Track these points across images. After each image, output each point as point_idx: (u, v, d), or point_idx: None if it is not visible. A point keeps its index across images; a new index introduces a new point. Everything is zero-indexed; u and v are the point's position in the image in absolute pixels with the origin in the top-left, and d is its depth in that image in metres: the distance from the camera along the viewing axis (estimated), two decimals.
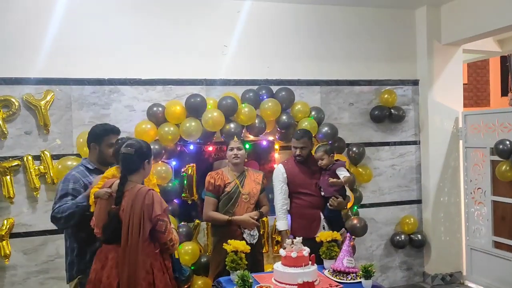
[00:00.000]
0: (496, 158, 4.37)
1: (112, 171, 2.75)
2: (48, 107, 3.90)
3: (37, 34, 3.91)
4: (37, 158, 3.88)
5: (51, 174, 3.84)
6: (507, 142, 4.19)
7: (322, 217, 3.67)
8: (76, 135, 3.95)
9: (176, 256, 2.83)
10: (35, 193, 3.87)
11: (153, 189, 2.63)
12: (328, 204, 3.64)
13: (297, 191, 3.73)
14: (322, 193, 3.67)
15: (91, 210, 2.65)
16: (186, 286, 3.90)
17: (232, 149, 3.59)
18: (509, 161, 4.17)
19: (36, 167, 3.85)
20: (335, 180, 3.60)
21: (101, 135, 2.96)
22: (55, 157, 3.91)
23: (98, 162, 2.97)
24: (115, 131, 3.05)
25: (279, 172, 3.76)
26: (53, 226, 3.87)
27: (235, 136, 3.70)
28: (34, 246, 3.92)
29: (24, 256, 3.89)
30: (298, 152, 3.71)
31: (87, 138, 3.01)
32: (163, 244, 2.58)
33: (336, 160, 3.79)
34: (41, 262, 3.94)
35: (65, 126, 3.99)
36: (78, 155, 3.91)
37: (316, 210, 3.68)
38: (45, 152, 3.87)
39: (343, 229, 3.69)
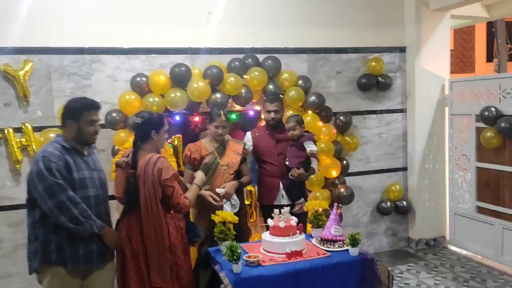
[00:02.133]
0: (481, 125, 4.40)
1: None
2: (27, 77, 3.77)
3: (14, 2, 3.74)
4: (18, 130, 3.78)
5: (34, 147, 3.76)
6: (492, 109, 4.21)
7: (282, 186, 3.71)
8: (57, 106, 3.84)
9: (191, 220, 3.07)
10: (17, 166, 3.79)
11: (163, 157, 2.85)
12: (289, 174, 3.67)
13: (260, 159, 3.80)
14: (287, 163, 3.69)
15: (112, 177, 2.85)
16: None
17: (217, 127, 3.51)
18: (494, 127, 4.21)
19: (18, 140, 3.76)
20: (297, 172, 3.64)
21: (79, 110, 2.63)
22: (37, 129, 3.82)
23: (76, 141, 2.65)
24: (95, 106, 2.71)
25: (246, 140, 3.82)
26: None
27: (221, 113, 3.56)
28: (19, 219, 3.86)
29: (10, 229, 3.85)
30: (272, 115, 3.70)
31: (62, 114, 2.69)
32: (172, 207, 2.82)
33: (306, 132, 3.80)
34: (23, 236, 3.87)
35: (45, 97, 3.87)
36: (60, 127, 3.81)
37: (275, 179, 3.73)
38: (26, 124, 3.77)
39: (302, 199, 3.75)
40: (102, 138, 3.96)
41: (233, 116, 4.31)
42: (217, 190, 3.43)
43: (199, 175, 3.17)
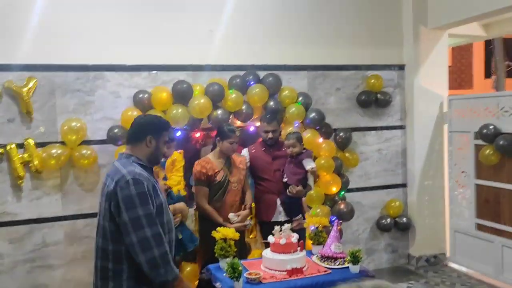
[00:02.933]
0: (480, 142, 4.44)
1: None
2: (30, 94, 3.81)
3: (19, 20, 3.81)
4: (20, 146, 3.81)
5: (35, 163, 3.78)
6: (491, 127, 4.25)
7: (279, 202, 3.72)
8: (60, 123, 3.89)
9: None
10: (19, 182, 3.81)
11: None
12: (287, 191, 3.70)
13: (257, 176, 3.85)
14: (285, 180, 3.74)
15: None
16: None
17: (232, 143, 3.57)
18: (492, 145, 4.24)
19: (20, 156, 3.78)
20: (296, 189, 3.68)
21: (162, 128, 2.44)
22: (39, 145, 3.84)
23: (148, 160, 2.41)
24: (171, 126, 2.64)
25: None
26: (39, 215, 3.91)
27: (236, 131, 3.65)
28: (20, 235, 3.88)
29: (10, 245, 3.85)
30: (270, 135, 3.77)
31: (139, 129, 2.40)
32: None
33: (304, 149, 3.85)
34: (27, 251, 3.90)
35: (48, 113, 3.91)
36: (63, 143, 3.86)
37: (273, 195, 3.77)
38: (28, 140, 3.80)
39: (300, 215, 3.78)
40: (103, 154, 4.01)
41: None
42: (231, 216, 3.48)
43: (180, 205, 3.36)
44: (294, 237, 2.97)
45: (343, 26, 4.84)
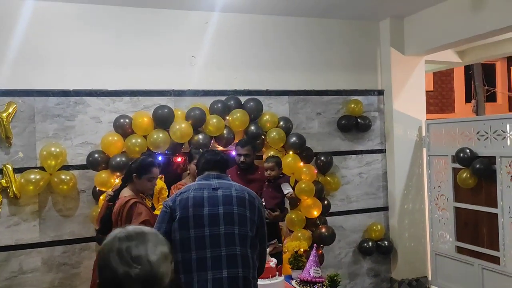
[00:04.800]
0: (457, 165, 4.52)
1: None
2: (10, 119, 3.80)
3: None
4: None
5: (14, 188, 3.74)
6: (467, 150, 4.34)
7: None
8: (39, 148, 3.87)
9: None
10: None
11: (139, 202, 2.97)
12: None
13: None
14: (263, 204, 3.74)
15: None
16: None
17: (151, 179, 3.54)
18: (469, 168, 4.32)
19: None
20: (273, 215, 3.71)
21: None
22: (18, 170, 3.81)
23: None
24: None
25: None
26: (16, 242, 3.84)
27: (201, 150, 3.66)
28: None
29: None
30: (242, 159, 3.81)
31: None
32: None
33: (282, 174, 3.89)
34: (3, 278, 3.82)
35: (28, 138, 3.90)
36: (42, 168, 3.83)
37: None
38: (7, 165, 3.77)
39: (275, 240, 3.78)
40: (83, 179, 3.99)
41: None
42: None
43: None
44: (273, 261, 2.96)
45: (323, 52, 4.96)
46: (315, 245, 3.27)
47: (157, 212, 3.50)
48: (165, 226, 2.24)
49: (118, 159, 3.83)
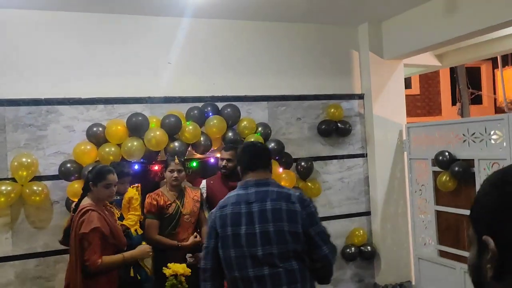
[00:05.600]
0: (437, 169, 4.50)
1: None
2: None
3: None
4: None
5: None
6: (446, 153, 4.32)
7: None
8: (10, 159, 3.78)
9: (132, 274, 3.25)
10: None
11: (92, 210, 2.95)
12: None
13: (213, 207, 3.72)
14: None
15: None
16: None
17: (172, 171, 3.53)
18: (448, 171, 4.31)
19: None
20: None
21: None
22: None
23: None
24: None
25: (201, 187, 3.84)
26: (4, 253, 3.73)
27: (176, 157, 3.62)
28: None
29: None
30: (224, 163, 3.72)
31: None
32: (83, 260, 2.89)
33: None
34: None
35: None
36: (13, 179, 3.74)
37: None
38: None
39: None
40: (56, 189, 3.90)
41: (194, 164, 4.31)
42: (187, 257, 3.42)
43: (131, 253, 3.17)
44: None
45: (302, 57, 4.93)
46: None
47: (125, 222, 3.42)
48: (213, 241, 2.25)
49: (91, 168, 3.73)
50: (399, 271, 5.11)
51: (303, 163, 4.71)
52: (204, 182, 3.85)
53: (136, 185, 4.17)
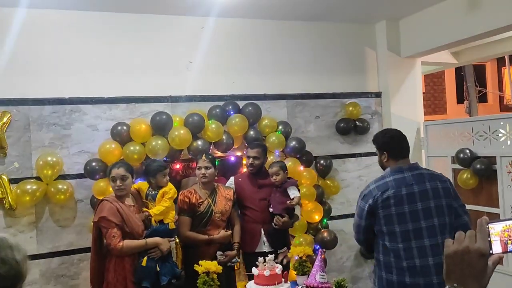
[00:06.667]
0: (457, 166, 4.51)
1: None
2: (4, 129, 3.72)
3: None
4: None
5: (9, 199, 3.65)
6: (467, 151, 4.34)
7: (263, 232, 3.66)
8: (35, 157, 3.79)
9: (143, 264, 3.21)
10: None
11: (106, 200, 3.21)
12: (273, 222, 3.64)
13: (242, 205, 3.77)
14: (271, 210, 3.66)
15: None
16: None
17: (200, 168, 3.55)
18: (469, 169, 4.31)
19: None
20: (281, 221, 3.61)
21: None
22: (13, 181, 3.72)
23: None
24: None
25: (229, 185, 3.84)
26: (29, 251, 3.72)
27: (203, 155, 3.64)
28: None
29: None
30: (250, 161, 3.72)
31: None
32: (106, 244, 3.18)
33: (289, 178, 3.82)
34: None
35: (23, 148, 3.82)
36: (38, 178, 3.75)
37: (257, 225, 3.68)
38: (2, 176, 3.68)
39: (285, 248, 3.69)
40: (80, 188, 3.92)
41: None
42: (218, 254, 3.44)
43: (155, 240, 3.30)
44: (279, 268, 2.91)
45: (320, 56, 4.93)
46: (319, 249, 3.21)
47: (150, 210, 3.39)
48: (363, 221, 2.73)
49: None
50: None
51: (322, 161, 4.72)
52: (232, 179, 3.86)
53: None
